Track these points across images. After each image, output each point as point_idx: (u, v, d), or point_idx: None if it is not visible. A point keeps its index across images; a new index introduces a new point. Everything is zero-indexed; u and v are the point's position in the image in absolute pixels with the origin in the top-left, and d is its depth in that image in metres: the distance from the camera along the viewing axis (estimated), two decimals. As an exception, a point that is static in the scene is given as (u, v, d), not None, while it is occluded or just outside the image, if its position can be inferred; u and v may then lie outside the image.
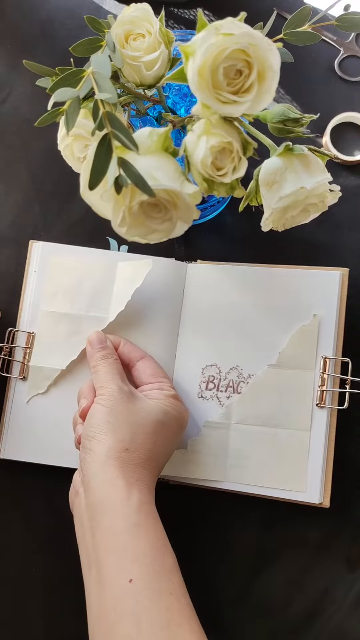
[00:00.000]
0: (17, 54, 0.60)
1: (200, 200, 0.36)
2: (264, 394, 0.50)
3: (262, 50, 0.31)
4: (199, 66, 0.31)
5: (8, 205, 0.58)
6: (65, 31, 0.60)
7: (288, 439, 0.50)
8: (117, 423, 0.42)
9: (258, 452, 0.50)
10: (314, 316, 0.50)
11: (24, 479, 0.53)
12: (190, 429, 0.51)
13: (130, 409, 0.43)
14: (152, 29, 0.39)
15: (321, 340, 0.50)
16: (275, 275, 0.52)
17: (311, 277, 0.51)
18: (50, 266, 0.53)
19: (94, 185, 0.32)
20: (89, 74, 0.34)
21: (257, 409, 0.50)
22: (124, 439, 0.42)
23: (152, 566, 0.37)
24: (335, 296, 0.51)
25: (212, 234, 0.57)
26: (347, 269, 0.51)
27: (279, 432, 0.50)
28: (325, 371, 0.50)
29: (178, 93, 0.51)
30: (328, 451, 0.49)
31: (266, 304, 0.52)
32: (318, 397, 0.50)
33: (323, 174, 0.38)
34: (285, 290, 0.52)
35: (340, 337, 0.51)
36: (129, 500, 0.39)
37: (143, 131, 0.35)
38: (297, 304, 0.51)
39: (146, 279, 0.51)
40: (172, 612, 0.36)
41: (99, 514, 0.39)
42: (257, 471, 0.49)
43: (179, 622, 0.36)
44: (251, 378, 0.51)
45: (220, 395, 0.51)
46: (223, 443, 0.50)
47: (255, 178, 0.40)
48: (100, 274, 0.53)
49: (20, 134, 0.59)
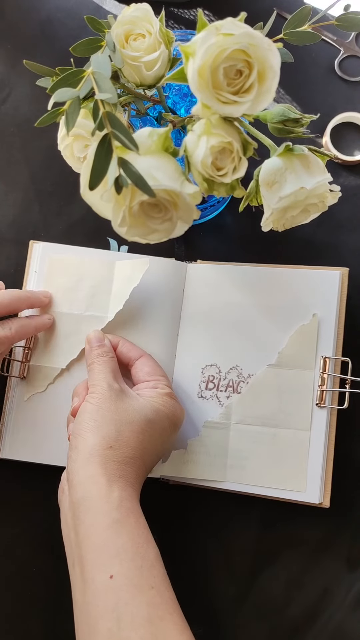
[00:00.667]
0: (18, 54, 0.60)
1: (200, 200, 0.36)
2: (264, 394, 0.50)
3: (262, 50, 0.31)
4: (199, 66, 0.31)
5: (8, 205, 0.58)
6: (65, 31, 0.60)
7: (288, 439, 0.49)
8: (104, 420, 0.42)
9: (257, 452, 0.50)
10: (313, 316, 0.50)
11: (23, 478, 0.53)
12: (190, 429, 0.51)
13: (119, 406, 0.43)
14: (152, 29, 0.39)
15: (321, 340, 0.50)
16: (275, 275, 0.52)
17: (311, 277, 0.51)
18: (49, 264, 0.53)
19: (94, 185, 0.32)
20: (89, 74, 0.34)
21: (256, 409, 0.50)
22: (109, 436, 0.42)
23: (133, 561, 0.37)
24: (335, 296, 0.51)
25: (212, 234, 0.57)
26: (346, 269, 0.51)
27: (279, 432, 0.50)
28: (325, 371, 0.50)
29: (178, 93, 0.51)
30: (328, 451, 0.49)
31: (266, 304, 0.52)
32: (318, 397, 0.50)
33: (323, 174, 0.38)
34: (285, 290, 0.52)
35: (340, 337, 0.51)
36: (110, 497, 0.39)
37: (143, 131, 0.35)
38: (297, 304, 0.51)
39: (146, 278, 0.51)
40: (154, 606, 0.36)
41: (81, 511, 0.39)
42: (256, 471, 0.49)
43: (161, 615, 0.36)
44: (251, 378, 0.51)
45: (220, 395, 0.51)
46: (223, 443, 0.50)
47: (255, 178, 0.40)
48: (100, 274, 0.53)
49: (21, 134, 0.59)
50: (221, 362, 0.52)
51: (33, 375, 0.52)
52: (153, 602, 0.36)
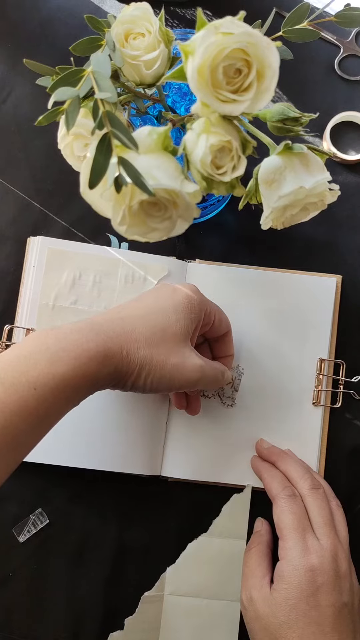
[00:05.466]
0: (18, 53, 0.60)
1: (200, 199, 0.36)
2: (198, 564, 0.50)
3: (261, 49, 0.31)
4: (198, 65, 0.31)
5: (8, 203, 0.58)
6: (65, 30, 0.60)
7: (220, 611, 0.49)
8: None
9: (189, 624, 0.49)
10: (247, 485, 0.51)
11: (22, 478, 0.53)
12: (189, 427, 0.51)
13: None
14: (152, 28, 0.39)
15: (317, 342, 0.52)
16: (274, 279, 0.53)
17: (308, 283, 0.53)
18: (48, 255, 0.53)
19: (94, 184, 0.32)
20: (88, 73, 0.34)
21: (191, 578, 0.50)
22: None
23: None
24: (330, 302, 0.52)
25: (212, 232, 0.57)
26: (340, 276, 0.53)
27: (212, 604, 0.49)
28: (321, 372, 0.51)
29: (178, 92, 0.52)
30: (322, 447, 0.51)
31: (264, 307, 0.53)
32: (314, 397, 0.51)
33: (322, 173, 0.38)
34: (283, 294, 0.53)
35: (334, 340, 0.53)
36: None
37: (143, 130, 0.35)
38: (294, 308, 0.52)
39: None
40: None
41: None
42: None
43: None
44: (249, 377, 0.51)
45: (221, 393, 0.52)
46: (157, 617, 0.49)
47: (254, 177, 0.40)
48: (102, 270, 0.53)
49: (21, 132, 0.59)
50: (221, 360, 0.52)
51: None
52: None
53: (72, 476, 0.52)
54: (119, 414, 0.52)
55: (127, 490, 0.53)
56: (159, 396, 0.52)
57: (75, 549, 0.52)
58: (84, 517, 0.53)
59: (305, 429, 0.51)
